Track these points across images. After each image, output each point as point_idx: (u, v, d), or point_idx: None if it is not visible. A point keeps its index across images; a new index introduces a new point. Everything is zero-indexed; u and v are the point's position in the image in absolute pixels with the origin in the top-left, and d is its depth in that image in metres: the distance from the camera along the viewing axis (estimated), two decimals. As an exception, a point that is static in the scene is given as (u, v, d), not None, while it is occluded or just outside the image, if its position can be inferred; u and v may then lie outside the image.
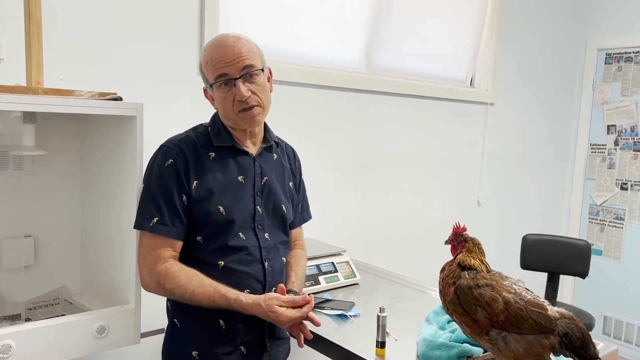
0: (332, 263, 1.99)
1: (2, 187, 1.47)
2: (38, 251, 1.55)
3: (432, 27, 2.88)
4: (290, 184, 1.54)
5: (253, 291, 1.35)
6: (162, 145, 1.38)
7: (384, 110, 2.71)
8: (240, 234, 1.37)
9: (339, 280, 1.96)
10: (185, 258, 1.35)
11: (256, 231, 1.40)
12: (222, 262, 1.34)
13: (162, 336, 1.46)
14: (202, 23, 2.01)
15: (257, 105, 1.36)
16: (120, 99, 1.39)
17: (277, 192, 1.46)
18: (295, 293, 1.39)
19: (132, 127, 1.39)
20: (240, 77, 1.33)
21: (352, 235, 2.61)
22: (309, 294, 1.35)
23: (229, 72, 1.33)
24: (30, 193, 1.53)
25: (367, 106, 2.64)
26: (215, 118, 1.44)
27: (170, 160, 1.33)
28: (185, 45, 1.98)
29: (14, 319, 1.36)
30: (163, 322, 1.47)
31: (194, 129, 1.44)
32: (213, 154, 1.38)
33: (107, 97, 1.38)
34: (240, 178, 1.39)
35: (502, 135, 3.39)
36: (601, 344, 1.44)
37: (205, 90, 1.43)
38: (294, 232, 1.60)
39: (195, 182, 1.34)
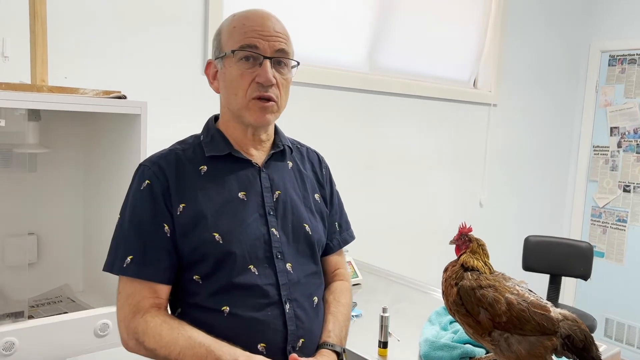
0: (334, 263, 1.98)
1: (6, 184, 1.47)
2: (41, 249, 1.56)
3: (436, 28, 2.88)
4: (317, 196, 1.25)
5: (269, 345, 1.05)
6: (140, 165, 1.13)
7: (386, 110, 2.71)
8: (252, 267, 1.07)
9: (341, 280, 1.95)
10: (184, 305, 1.10)
11: (275, 261, 1.10)
12: (227, 308, 1.05)
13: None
14: (207, 22, 2.01)
15: (274, 101, 1.10)
16: (124, 97, 1.40)
17: (296, 207, 1.17)
18: (332, 347, 1.12)
19: (136, 125, 1.39)
20: (271, 58, 1.09)
21: (355, 234, 2.61)
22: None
23: (261, 46, 1.08)
24: (34, 191, 1.53)
25: (370, 106, 2.64)
26: (208, 124, 1.19)
27: (147, 181, 1.07)
28: (189, 44, 1.98)
29: (16, 316, 1.36)
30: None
31: (182, 141, 1.17)
32: (205, 168, 1.11)
33: (111, 95, 1.39)
34: (241, 195, 1.11)
35: (504, 137, 3.38)
36: (603, 345, 1.44)
37: (208, 64, 1.16)
38: (333, 259, 1.28)
39: (180, 206, 1.06)
